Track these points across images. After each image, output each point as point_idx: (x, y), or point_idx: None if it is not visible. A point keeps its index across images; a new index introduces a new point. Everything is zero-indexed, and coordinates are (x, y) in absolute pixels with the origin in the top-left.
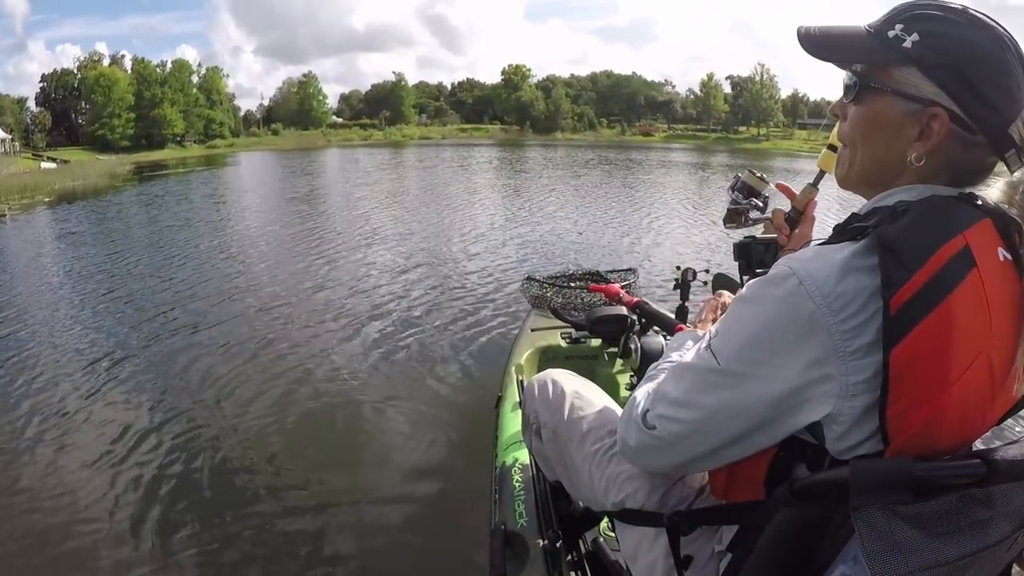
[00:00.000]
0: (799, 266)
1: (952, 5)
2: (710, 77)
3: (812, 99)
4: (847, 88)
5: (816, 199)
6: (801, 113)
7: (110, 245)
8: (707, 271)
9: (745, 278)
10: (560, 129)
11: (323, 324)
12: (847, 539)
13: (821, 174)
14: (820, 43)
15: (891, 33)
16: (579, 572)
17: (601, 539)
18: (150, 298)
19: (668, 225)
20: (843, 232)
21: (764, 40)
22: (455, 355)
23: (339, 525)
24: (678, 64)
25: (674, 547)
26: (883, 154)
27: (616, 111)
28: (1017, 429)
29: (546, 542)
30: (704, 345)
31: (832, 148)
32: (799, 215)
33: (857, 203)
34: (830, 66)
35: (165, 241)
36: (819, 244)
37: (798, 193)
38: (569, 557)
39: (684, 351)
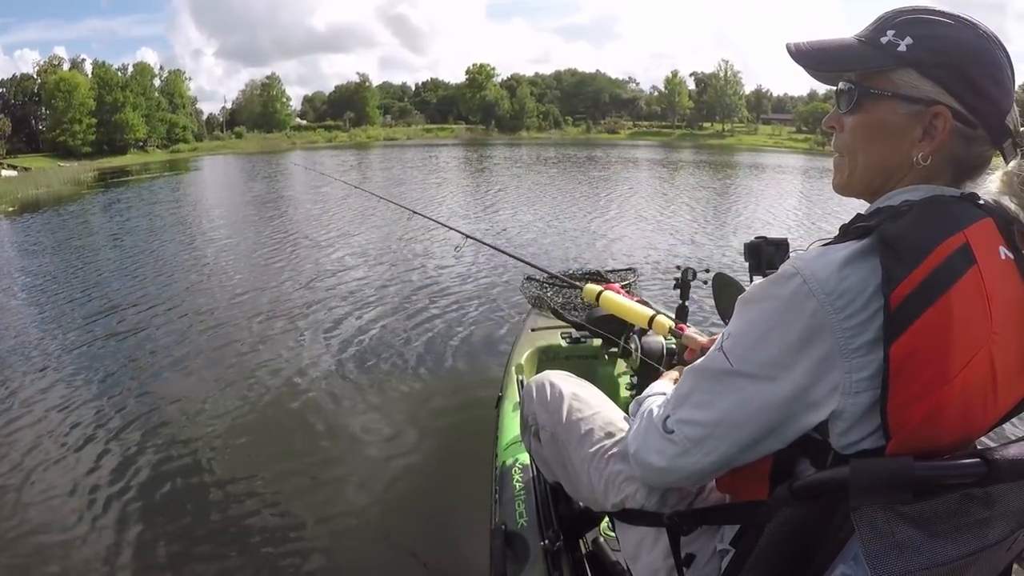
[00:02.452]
0: (803, 264)
1: (938, 8)
2: (674, 74)
3: (776, 94)
4: (842, 98)
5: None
6: (765, 108)
7: (81, 254)
8: (707, 271)
9: (755, 278)
10: (526, 128)
11: (313, 326)
12: (847, 538)
13: None
14: (814, 56)
15: (883, 39)
16: (580, 572)
17: (602, 539)
18: (120, 303)
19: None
20: (847, 232)
21: (728, 36)
22: (454, 356)
23: (337, 524)
24: (641, 61)
25: (674, 547)
26: (888, 158)
27: (581, 109)
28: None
29: (546, 542)
30: (718, 347)
31: None
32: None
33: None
34: (793, 62)
35: (136, 249)
36: (824, 244)
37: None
38: (570, 557)
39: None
